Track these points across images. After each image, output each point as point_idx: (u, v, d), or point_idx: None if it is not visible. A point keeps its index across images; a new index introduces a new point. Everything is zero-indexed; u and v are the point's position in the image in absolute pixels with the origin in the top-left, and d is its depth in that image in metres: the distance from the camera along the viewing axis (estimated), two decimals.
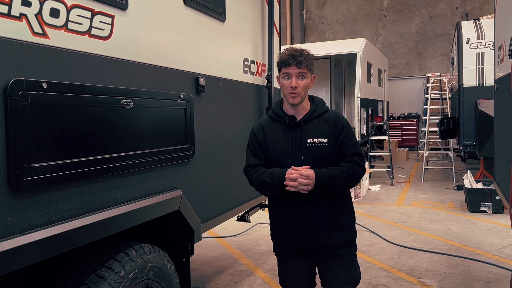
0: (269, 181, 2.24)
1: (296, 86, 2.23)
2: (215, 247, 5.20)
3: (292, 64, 2.23)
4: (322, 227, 2.30)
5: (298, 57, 2.23)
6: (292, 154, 2.28)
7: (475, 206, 6.63)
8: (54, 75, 1.71)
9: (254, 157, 2.39)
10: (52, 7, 1.70)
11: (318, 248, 2.34)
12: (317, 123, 2.32)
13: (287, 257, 2.44)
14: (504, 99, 3.14)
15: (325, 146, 2.28)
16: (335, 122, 2.32)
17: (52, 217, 1.72)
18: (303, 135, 2.29)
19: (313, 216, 2.30)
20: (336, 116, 2.36)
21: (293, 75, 2.23)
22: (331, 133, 2.29)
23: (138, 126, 2.21)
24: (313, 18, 18.10)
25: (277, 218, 2.42)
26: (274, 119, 2.39)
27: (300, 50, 2.27)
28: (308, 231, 2.31)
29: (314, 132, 2.30)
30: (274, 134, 2.36)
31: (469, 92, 8.39)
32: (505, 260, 4.51)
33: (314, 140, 2.28)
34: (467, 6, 15.58)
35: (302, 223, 2.31)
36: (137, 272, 2.17)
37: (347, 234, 2.36)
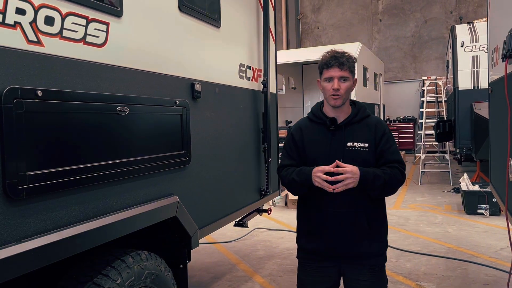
0: (296, 178, 2.23)
1: (338, 88, 2.20)
2: (213, 253, 5.19)
3: (334, 66, 2.20)
4: (354, 235, 2.25)
5: (340, 59, 2.20)
6: (331, 157, 2.22)
7: (472, 209, 6.65)
8: (49, 83, 1.71)
9: (288, 158, 2.38)
10: (47, 15, 1.71)
11: (347, 256, 2.29)
12: (358, 127, 2.29)
13: (312, 261, 2.37)
14: (498, 102, 3.16)
15: (365, 151, 2.24)
16: (377, 127, 2.29)
17: (48, 225, 1.71)
18: (344, 138, 2.26)
19: (346, 223, 2.24)
20: (378, 121, 2.34)
21: (335, 77, 2.20)
22: (372, 138, 2.26)
23: (134, 132, 2.21)
24: (309, 22, 18.18)
25: (308, 222, 2.36)
26: (313, 121, 2.37)
27: (342, 52, 2.24)
28: (340, 238, 2.26)
29: (355, 136, 2.26)
30: (313, 135, 2.33)
31: (465, 95, 8.44)
32: (502, 262, 4.52)
33: (354, 144, 2.25)
34: (461, 10, 15.70)
35: (334, 229, 2.26)
36: (134, 279, 2.16)
37: (378, 245, 2.32)
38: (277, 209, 7.49)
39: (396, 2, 16.69)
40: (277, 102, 4.29)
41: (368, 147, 2.25)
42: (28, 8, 1.63)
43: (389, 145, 2.28)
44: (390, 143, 2.29)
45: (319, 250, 2.33)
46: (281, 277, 4.34)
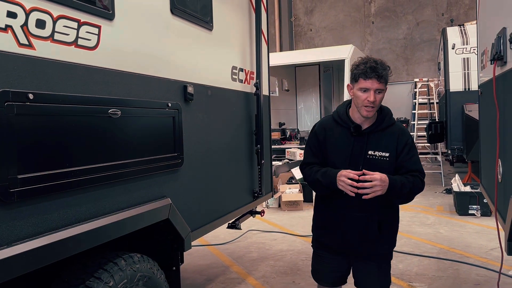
0: (321, 180, 2.30)
1: (374, 100, 2.21)
2: (206, 255, 5.19)
3: (373, 78, 2.19)
4: (365, 237, 2.35)
5: (379, 71, 2.19)
6: (351, 162, 2.28)
7: (464, 209, 6.70)
8: (41, 85, 1.72)
9: (312, 156, 2.46)
10: (38, 18, 1.71)
11: (357, 254, 2.43)
12: (382, 136, 2.32)
13: (325, 251, 2.52)
14: (487, 104, 3.19)
15: (385, 160, 2.29)
16: (400, 137, 2.32)
17: (40, 228, 1.71)
18: (366, 146, 2.30)
19: (358, 226, 2.34)
20: (401, 130, 2.37)
21: (372, 89, 2.20)
22: (393, 148, 2.30)
23: (126, 135, 2.22)
24: (302, 25, 18.24)
25: (324, 218, 2.49)
26: (338, 123, 2.40)
27: (381, 63, 2.23)
28: (351, 239, 2.37)
29: (377, 145, 2.30)
30: (336, 138, 2.38)
31: (456, 97, 8.51)
32: (493, 262, 4.56)
33: (375, 153, 2.29)
34: (452, 12, 15.83)
35: (346, 230, 2.36)
36: (127, 282, 2.16)
37: (388, 246, 2.44)
38: (270, 211, 7.51)
39: (388, 5, 16.79)
40: (269, 104, 4.31)
41: (388, 156, 2.29)
42: (19, 11, 1.63)
43: (411, 155, 2.32)
44: (412, 153, 2.32)
45: (331, 245, 2.48)
46: (274, 279, 4.35)
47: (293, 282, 4.25)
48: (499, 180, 2.61)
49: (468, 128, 7.71)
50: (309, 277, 4.32)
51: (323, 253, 2.54)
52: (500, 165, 2.56)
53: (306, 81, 12.98)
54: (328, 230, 2.47)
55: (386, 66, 2.25)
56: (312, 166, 2.42)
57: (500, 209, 2.67)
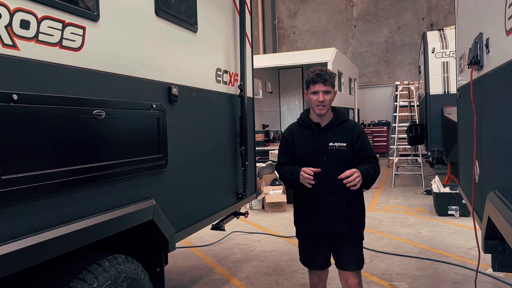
0: (290, 176, 2.77)
1: (323, 100, 2.72)
2: (190, 257, 5.18)
3: (319, 82, 2.71)
4: (337, 218, 2.78)
5: (324, 76, 2.71)
6: (317, 154, 2.78)
7: (443, 210, 6.84)
8: (25, 86, 1.71)
9: (283, 157, 2.94)
10: (23, 18, 1.71)
11: (333, 235, 2.82)
12: (338, 130, 2.82)
13: (308, 239, 2.95)
14: (465, 107, 3.28)
15: (343, 149, 2.78)
16: (353, 130, 2.83)
17: (23, 229, 1.70)
18: (326, 139, 2.79)
19: (331, 208, 2.78)
20: (354, 125, 2.89)
21: (320, 91, 2.72)
22: (349, 139, 2.79)
23: (111, 136, 2.22)
24: (285, 28, 18.35)
25: (302, 208, 2.91)
26: (302, 125, 2.91)
27: (325, 70, 2.77)
28: (326, 221, 2.80)
29: (335, 137, 2.79)
30: (302, 137, 2.87)
31: (435, 100, 8.68)
32: (471, 261, 4.68)
33: (335, 144, 2.78)
34: (432, 17, 16.15)
35: (321, 214, 2.80)
36: (111, 283, 2.16)
37: (357, 225, 2.87)
38: (254, 212, 7.53)
39: (370, 9, 17.04)
40: (253, 106, 4.34)
41: (346, 146, 2.78)
42: (4, 11, 1.62)
43: (364, 144, 2.82)
44: (365, 142, 2.84)
45: (311, 231, 2.88)
46: (258, 280, 4.38)
47: (276, 283, 4.28)
48: (476, 181, 2.69)
49: (447, 130, 7.87)
50: (292, 277, 4.38)
51: (307, 242, 2.97)
52: (477, 166, 2.64)
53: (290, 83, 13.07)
54: (307, 219, 2.87)
55: (331, 73, 2.76)
56: (285, 166, 2.87)
57: (477, 209, 2.75)
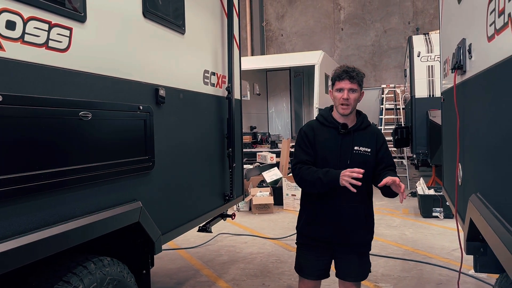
0: (323, 178, 2.50)
1: (347, 98, 2.56)
2: (176, 259, 5.16)
3: (345, 79, 2.56)
4: (355, 226, 2.65)
5: (351, 73, 2.56)
6: (340, 157, 2.61)
7: (428, 212, 6.94)
8: (10, 87, 1.69)
9: (305, 154, 2.68)
10: (8, 19, 1.69)
11: (346, 243, 2.68)
12: (364, 134, 2.68)
13: (311, 247, 2.76)
14: (449, 110, 3.34)
15: (368, 155, 2.64)
16: (378, 136, 2.73)
17: (7, 232, 1.68)
18: (352, 142, 2.63)
19: (348, 215, 2.63)
20: (378, 130, 2.79)
21: (345, 89, 2.56)
22: (374, 145, 2.67)
23: (97, 138, 2.21)
24: (273, 30, 18.41)
25: (316, 213, 2.70)
26: (324, 124, 2.71)
27: (353, 68, 2.61)
28: (341, 228, 2.64)
29: (361, 141, 2.65)
30: (324, 136, 2.67)
31: (421, 103, 8.79)
32: (454, 262, 4.75)
33: (360, 148, 2.63)
34: (418, 21, 16.36)
35: (339, 220, 2.63)
36: (96, 285, 2.15)
37: (370, 235, 2.74)
38: (241, 214, 7.54)
39: (357, 12, 17.18)
40: (241, 108, 4.35)
41: (370, 151, 2.65)
42: None
43: (388, 152, 2.75)
44: (388, 150, 2.76)
45: (320, 238, 2.71)
46: (245, 281, 4.38)
47: (263, 284, 4.29)
48: (459, 184, 2.74)
49: (432, 133, 7.97)
50: (279, 279, 4.39)
51: (308, 249, 2.77)
52: (460, 169, 2.69)
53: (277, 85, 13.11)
54: (320, 225, 2.68)
55: (359, 71, 2.61)
56: (309, 166, 2.62)
57: (460, 211, 2.80)
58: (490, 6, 1.71)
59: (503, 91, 1.59)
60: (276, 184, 8.24)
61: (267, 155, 9.17)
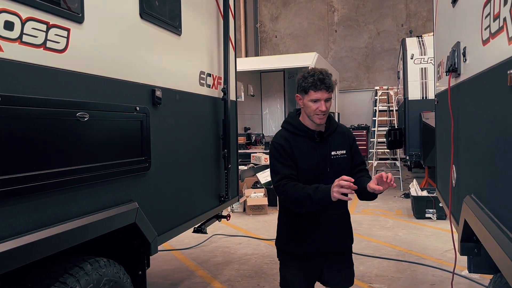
0: (312, 194, 2.21)
1: (325, 110, 2.36)
2: (171, 260, 5.16)
3: (323, 89, 2.33)
4: (341, 232, 2.57)
5: (326, 83, 2.33)
6: (320, 166, 2.43)
7: (421, 213, 6.99)
8: (8, 88, 1.69)
9: (287, 167, 2.39)
10: (6, 19, 1.69)
11: (332, 252, 2.55)
12: (336, 137, 2.52)
13: (298, 260, 2.53)
14: (443, 112, 3.38)
15: (344, 157, 2.50)
16: (348, 134, 2.58)
17: (4, 232, 1.68)
18: (329, 148, 2.46)
19: (334, 223, 2.52)
20: (347, 128, 2.63)
21: (322, 100, 2.34)
22: (348, 145, 2.52)
23: (94, 138, 2.20)
24: (267, 31, 18.44)
25: (298, 227, 2.49)
26: (296, 134, 2.48)
27: (326, 73, 2.36)
28: (331, 236, 2.51)
29: (336, 145, 2.49)
30: (300, 147, 2.44)
31: (414, 105, 8.86)
32: (447, 263, 4.79)
33: (337, 152, 2.48)
34: (411, 24, 16.47)
35: (325, 230, 2.48)
36: (93, 286, 2.14)
37: (352, 240, 2.67)
38: (235, 215, 7.54)
39: (351, 14, 17.27)
40: (236, 109, 4.36)
41: (346, 153, 2.51)
42: None
43: (358, 149, 2.60)
44: (356, 145, 2.61)
45: (307, 253, 2.51)
46: (239, 282, 4.39)
47: (258, 285, 4.30)
48: (453, 185, 2.77)
49: (425, 135, 8.04)
50: (274, 280, 4.40)
51: (293, 263, 2.54)
52: (454, 171, 2.72)
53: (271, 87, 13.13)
54: (304, 239, 2.47)
55: (330, 74, 2.39)
56: (295, 183, 2.33)
57: (454, 212, 2.83)
58: (485, 10, 1.74)
59: (498, 94, 1.62)
60: (270, 185, 8.25)
61: (261, 156, 9.19)
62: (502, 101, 1.56)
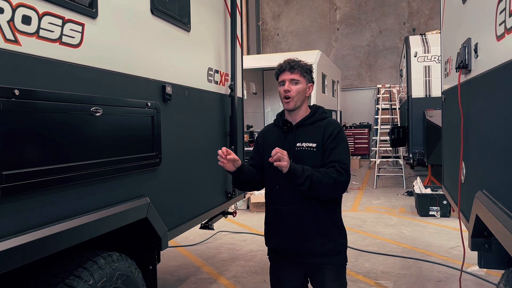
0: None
1: (288, 90, 2.32)
2: (176, 256, 5.17)
3: (286, 70, 2.35)
4: (308, 233, 2.32)
5: (291, 63, 2.35)
6: None
7: (425, 211, 7.00)
8: (26, 82, 1.70)
9: (251, 159, 2.59)
10: (24, 14, 1.70)
11: (304, 253, 2.35)
12: (310, 129, 2.38)
13: (280, 260, 2.48)
14: (451, 109, 3.39)
15: (312, 151, 2.32)
16: (326, 128, 2.35)
17: (23, 225, 1.69)
18: (294, 139, 2.37)
19: (300, 221, 2.32)
20: (329, 122, 2.39)
21: (286, 80, 2.34)
22: (320, 138, 2.33)
23: (107, 133, 2.21)
24: (269, 29, 18.44)
25: (268, 221, 2.49)
26: (275, 124, 2.53)
27: (296, 60, 2.39)
28: (295, 235, 2.34)
29: (305, 137, 2.36)
30: (272, 138, 2.47)
31: (417, 103, 8.86)
32: (453, 260, 4.80)
33: (302, 144, 2.34)
34: (413, 22, 16.47)
35: (289, 226, 2.34)
36: (106, 280, 2.16)
37: (333, 244, 2.34)
38: (239, 212, 7.52)
39: (353, 12, 17.27)
40: (243, 106, 4.37)
41: (315, 147, 2.32)
42: (6, 6, 1.62)
43: (333, 145, 2.30)
44: (336, 142, 2.31)
45: (278, 248, 2.44)
46: (246, 278, 4.40)
47: (264, 281, 4.31)
48: (462, 181, 2.78)
49: (429, 133, 8.04)
50: None
51: (276, 262, 2.51)
52: (464, 167, 2.73)
53: (274, 85, 13.12)
54: (273, 232, 2.44)
55: (302, 62, 2.39)
56: None
57: (463, 209, 2.84)
58: (500, 6, 1.74)
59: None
60: None
61: None
62: None
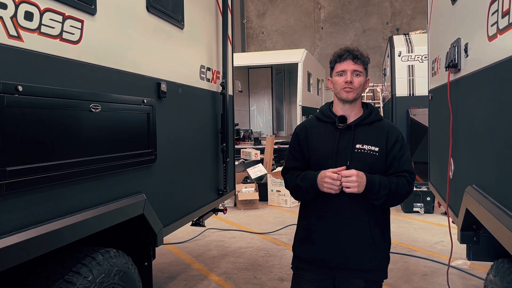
0: (301, 184, 2.07)
1: (351, 80, 2.05)
2: (166, 254, 5.17)
3: (348, 59, 2.06)
4: (357, 246, 2.07)
5: (354, 52, 2.08)
6: (337, 158, 2.07)
7: (409, 207, 7.14)
8: (29, 78, 1.70)
9: (292, 160, 2.23)
10: (27, 10, 1.70)
11: (346, 268, 2.11)
12: (370, 130, 2.12)
13: (306, 271, 2.21)
14: (438, 107, 3.48)
15: (375, 155, 2.07)
16: (390, 132, 2.12)
17: (26, 221, 1.69)
18: (353, 139, 2.09)
19: (349, 232, 2.08)
20: (391, 126, 2.17)
21: (348, 71, 2.06)
22: (383, 142, 2.09)
23: (105, 130, 2.22)
24: (254, 27, 18.48)
25: (306, 228, 2.19)
26: (321, 120, 2.21)
27: (356, 48, 2.15)
28: (340, 248, 2.09)
29: (365, 138, 2.09)
30: (319, 135, 2.17)
31: (401, 101, 9.01)
32: (437, 254, 4.93)
33: (363, 147, 2.08)
34: (396, 22, 16.73)
35: (334, 237, 2.09)
36: (104, 276, 2.17)
37: (381, 259, 2.15)
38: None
39: (337, 12, 17.44)
40: (233, 103, 4.40)
41: (378, 151, 2.08)
42: (9, 2, 1.61)
43: (401, 153, 2.10)
44: (403, 151, 2.11)
45: (315, 260, 2.16)
46: (236, 275, 4.44)
47: (254, 277, 4.36)
48: (451, 177, 2.87)
49: (413, 131, 8.19)
50: (270, 272, 4.47)
51: (305, 273, 2.21)
52: (452, 163, 2.82)
53: (259, 83, 13.19)
54: (311, 242, 2.16)
55: (363, 52, 2.15)
56: (293, 171, 2.19)
57: (451, 204, 2.93)
58: (492, 7, 1.82)
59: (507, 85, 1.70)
60: (261, 180, 8.31)
61: (252, 151, 9.24)
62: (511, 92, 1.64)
